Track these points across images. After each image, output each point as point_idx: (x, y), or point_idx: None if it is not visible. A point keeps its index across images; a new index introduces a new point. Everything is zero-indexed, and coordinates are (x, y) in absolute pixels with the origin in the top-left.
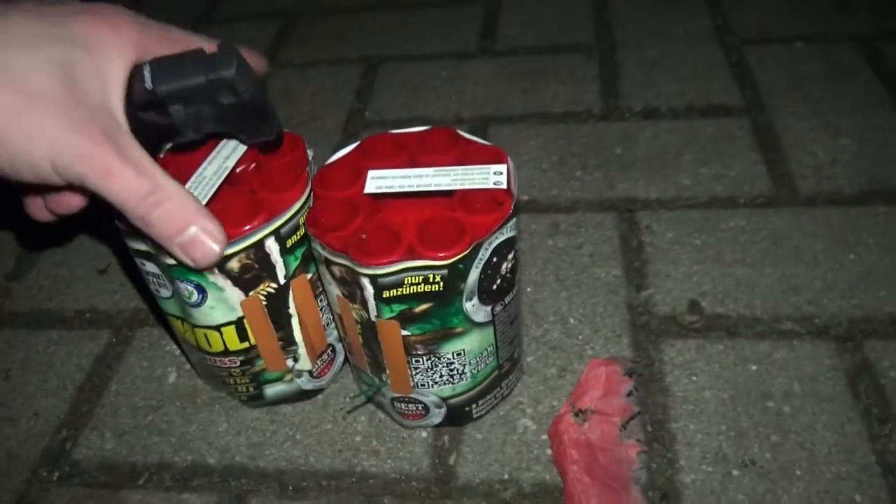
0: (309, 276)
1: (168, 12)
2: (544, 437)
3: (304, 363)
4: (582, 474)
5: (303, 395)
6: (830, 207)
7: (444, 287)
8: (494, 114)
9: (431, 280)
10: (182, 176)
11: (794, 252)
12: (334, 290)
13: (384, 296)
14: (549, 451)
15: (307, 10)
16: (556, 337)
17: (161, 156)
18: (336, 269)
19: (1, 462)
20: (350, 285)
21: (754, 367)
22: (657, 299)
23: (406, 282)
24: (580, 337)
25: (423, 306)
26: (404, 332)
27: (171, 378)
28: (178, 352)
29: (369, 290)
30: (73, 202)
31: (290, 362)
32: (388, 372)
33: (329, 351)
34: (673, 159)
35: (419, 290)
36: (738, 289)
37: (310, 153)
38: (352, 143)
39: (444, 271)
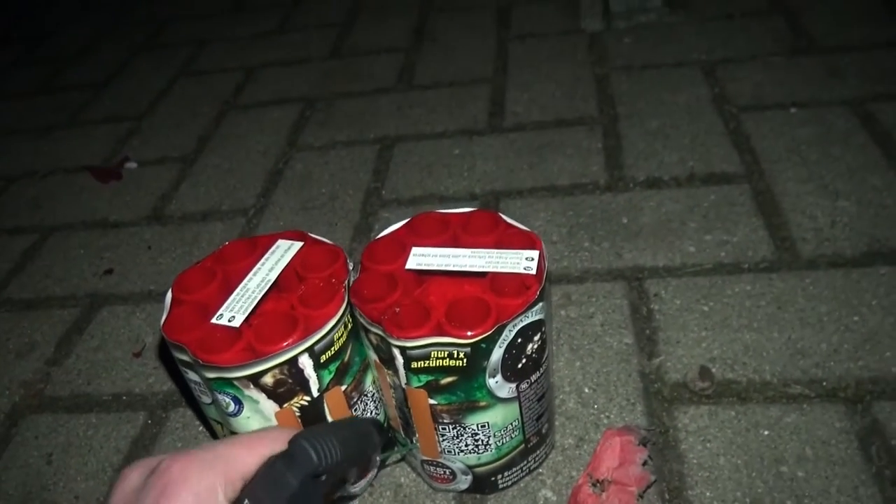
0: (343, 387)
1: (196, 100)
2: None
3: None
4: None
5: (338, 501)
6: (833, 270)
7: (467, 363)
8: (505, 188)
9: (456, 356)
10: (229, 285)
11: (799, 315)
12: (372, 355)
13: (413, 366)
14: None
15: (324, 94)
16: (572, 407)
17: None
18: (373, 337)
19: None
20: (384, 352)
21: (766, 433)
22: (668, 366)
23: (433, 355)
24: (595, 406)
25: (449, 379)
26: (431, 401)
27: None
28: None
29: (400, 360)
30: None
31: None
32: (417, 436)
33: None
34: (677, 227)
35: (445, 363)
36: (747, 354)
37: (350, 265)
38: (372, 221)
39: (468, 349)
